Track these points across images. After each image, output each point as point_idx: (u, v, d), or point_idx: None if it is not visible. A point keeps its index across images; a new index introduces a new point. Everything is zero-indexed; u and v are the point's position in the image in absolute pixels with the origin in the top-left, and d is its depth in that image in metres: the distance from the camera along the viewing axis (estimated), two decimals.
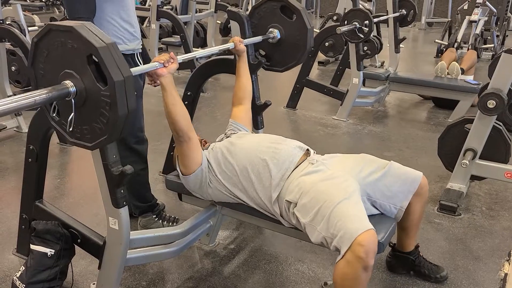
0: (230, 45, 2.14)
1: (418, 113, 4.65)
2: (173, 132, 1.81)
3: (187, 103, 2.45)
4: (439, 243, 2.37)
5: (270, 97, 2.40)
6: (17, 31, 3.56)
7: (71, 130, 1.42)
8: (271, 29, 2.34)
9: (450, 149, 2.81)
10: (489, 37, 6.93)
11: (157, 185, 2.82)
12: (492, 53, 6.81)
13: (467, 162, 2.65)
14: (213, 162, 1.89)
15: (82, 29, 1.28)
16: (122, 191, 1.61)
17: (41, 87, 1.35)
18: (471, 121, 2.68)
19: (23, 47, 3.54)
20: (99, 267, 1.81)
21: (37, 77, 1.43)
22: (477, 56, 5.43)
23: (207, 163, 1.88)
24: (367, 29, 3.86)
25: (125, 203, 1.64)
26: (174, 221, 2.40)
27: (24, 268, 1.86)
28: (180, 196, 2.15)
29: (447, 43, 6.33)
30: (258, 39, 2.28)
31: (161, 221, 2.39)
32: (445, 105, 4.58)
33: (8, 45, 3.73)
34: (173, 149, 2.12)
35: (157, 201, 2.45)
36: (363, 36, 3.92)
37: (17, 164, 3.14)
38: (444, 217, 2.62)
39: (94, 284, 1.90)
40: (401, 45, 4.98)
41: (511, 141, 2.69)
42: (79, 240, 1.90)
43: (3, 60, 3.63)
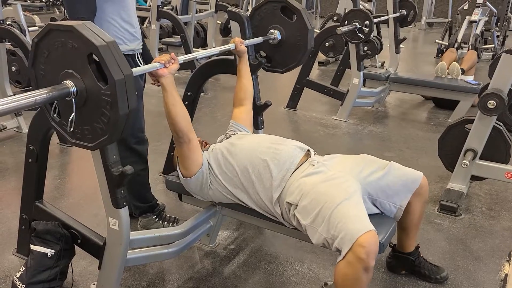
0: (230, 46, 2.14)
1: (418, 114, 4.65)
2: (173, 133, 1.81)
3: (187, 103, 2.45)
4: (440, 244, 2.36)
5: (270, 98, 2.40)
6: (17, 32, 3.56)
7: (71, 130, 1.42)
8: (272, 30, 2.34)
9: (450, 149, 2.81)
10: (489, 38, 6.92)
11: (157, 186, 2.82)
12: (492, 54, 6.81)
13: (468, 162, 2.65)
14: (213, 163, 1.89)
15: (82, 28, 1.28)
16: (122, 192, 1.61)
17: (42, 87, 1.35)
18: (471, 121, 2.68)
19: (23, 48, 3.54)
20: (99, 268, 1.81)
21: (37, 78, 1.43)
22: (478, 56, 5.43)
23: (208, 165, 1.88)
24: (368, 29, 3.86)
25: (125, 203, 1.64)
26: (174, 221, 2.40)
27: (24, 268, 1.86)
28: (180, 196, 2.15)
29: (447, 44, 6.33)
30: (258, 40, 2.28)
31: (161, 222, 2.39)
32: (445, 105, 4.58)
33: (8, 45, 3.73)
34: (173, 150, 2.11)
35: (157, 202, 2.45)
36: (363, 36, 3.92)
37: (17, 164, 3.14)
38: (444, 217, 2.62)
39: (94, 284, 1.90)
40: (401, 46, 4.97)
41: (511, 141, 2.69)
42: (79, 240, 1.90)
43: (3, 60, 3.63)
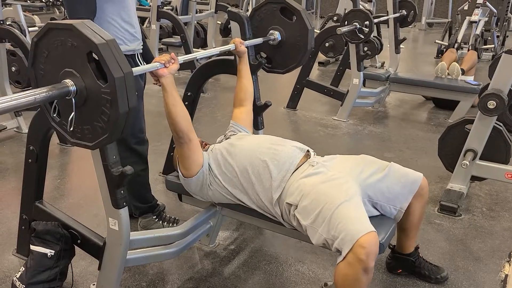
0: (231, 47, 2.14)
1: (418, 114, 4.65)
2: (173, 133, 1.81)
3: (187, 103, 2.45)
4: (440, 244, 2.36)
5: (270, 98, 2.39)
6: (17, 32, 3.55)
7: (71, 130, 1.41)
8: (272, 31, 2.34)
9: (450, 149, 2.81)
10: (489, 38, 6.92)
11: (157, 186, 2.82)
12: (492, 54, 6.81)
13: (468, 162, 2.64)
14: (213, 163, 1.88)
15: (82, 27, 1.28)
16: (122, 192, 1.61)
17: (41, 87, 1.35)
18: (471, 121, 2.68)
19: (23, 48, 3.54)
20: (99, 268, 1.81)
21: (37, 77, 1.43)
22: (478, 56, 5.43)
23: (208, 165, 1.88)
24: (368, 29, 3.86)
25: (125, 203, 1.64)
26: (174, 221, 2.40)
27: (24, 268, 1.86)
28: (180, 196, 2.15)
29: (447, 44, 6.32)
30: (258, 40, 2.28)
31: (161, 222, 2.39)
32: (445, 105, 4.58)
33: (8, 45, 3.73)
34: (173, 150, 2.11)
35: (157, 202, 2.45)
36: (363, 36, 3.92)
37: (17, 164, 3.14)
38: (444, 217, 2.61)
39: (94, 285, 1.90)
40: (401, 46, 4.97)
41: (511, 141, 2.68)
42: (79, 240, 1.90)
43: (3, 60, 3.63)
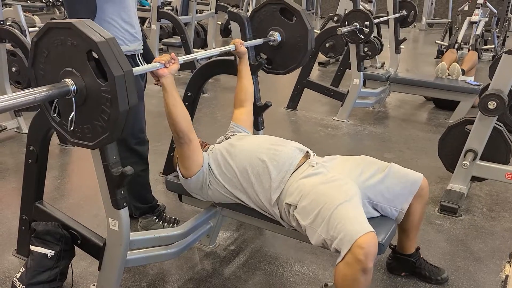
0: (231, 47, 2.14)
1: (418, 114, 4.65)
2: (173, 133, 1.81)
3: (187, 104, 2.45)
4: (440, 244, 2.36)
5: (270, 98, 2.39)
6: (17, 32, 3.55)
7: (72, 129, 1.41)
8: (272, 32, 2.34)
9: (450, 150, 2.81)
10: (489, 38, 6.92)
11: (158, 186, 2.82)
12: (492, 54, 6.82)
13: (468, 163, 2.64)
14: (213, 163, 1.88)
15: (81, 26, 1.28)
16: (122, 192, 1.61)
17: None
18: (471, 122, 2.68)
19: (23, 48, 3.54)
20: (99, 268, 1.81)
21: (37, 77, 1.43)
22: (478, 57, 5.43)
23: (208, 165, 1.88)
24: (368, 30, 3.86)
25: (125, 204, 1.64)
26: (174, 222, 2.40)
27: (24, 269, 1.86)
28: (180, 197, 2.15)
29: (447, 44, 6.33)
30: (259, 41, 2.28)
31: (161, 222, 2.38)
32: (445, 106, 4.57)
33: (8, 46, 3.73)
34: (174, 150, 2.11)
35: (157, 202, 2.45)
36: (363, 37, 3.92)
37: (17, 165, 3.14)
38: (444, 218, 2.61)
39: (94, 285, 1.90)
40: (401, 46, 4.97)
41: (511, 142, 2.68)
42: (79, 241, 1.89)
43: (4, 61, 3.63)
